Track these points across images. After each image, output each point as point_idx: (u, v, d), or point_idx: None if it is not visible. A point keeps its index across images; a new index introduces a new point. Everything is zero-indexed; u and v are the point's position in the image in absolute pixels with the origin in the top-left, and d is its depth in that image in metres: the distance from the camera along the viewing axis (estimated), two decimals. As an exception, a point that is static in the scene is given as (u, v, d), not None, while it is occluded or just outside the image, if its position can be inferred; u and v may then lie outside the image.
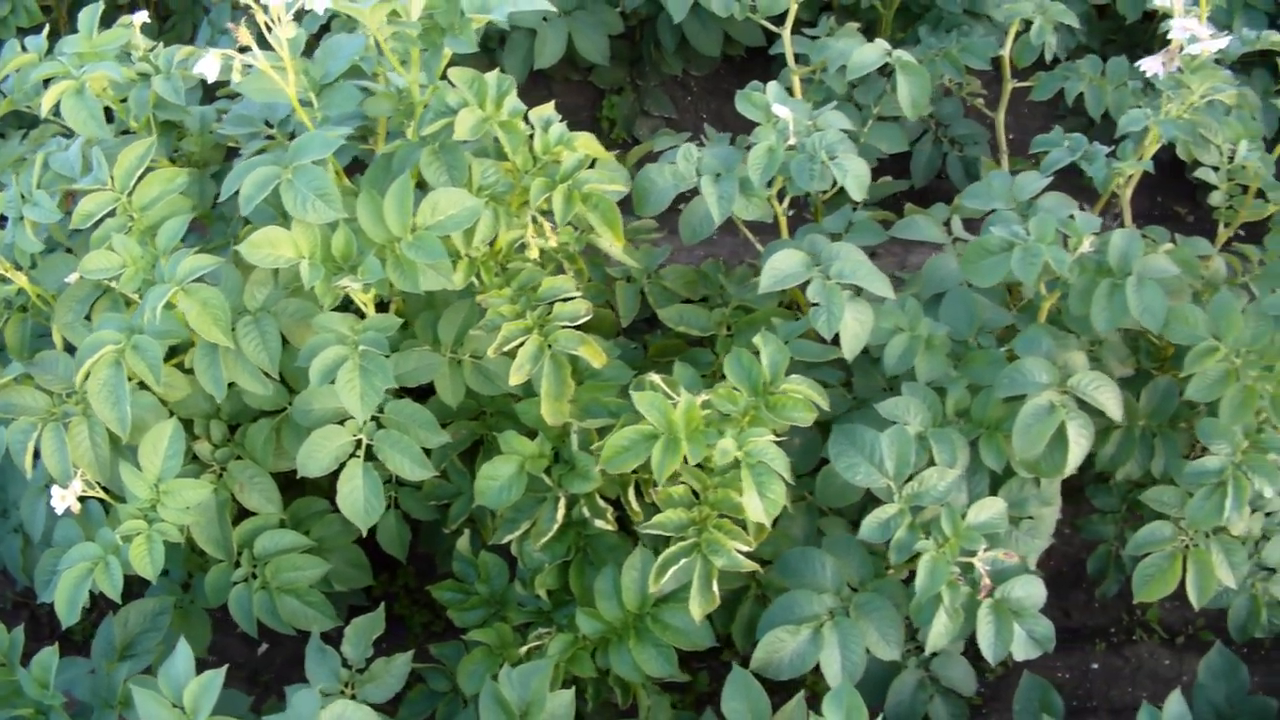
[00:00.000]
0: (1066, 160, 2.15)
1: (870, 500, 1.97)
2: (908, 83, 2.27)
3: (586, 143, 1.97)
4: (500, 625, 2.09)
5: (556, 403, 1.96)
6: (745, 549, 1.91)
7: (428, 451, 2.06)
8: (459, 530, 2.20)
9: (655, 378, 1.92)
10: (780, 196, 2.17)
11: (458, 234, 1.91)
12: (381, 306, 2.20)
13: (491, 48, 2.79)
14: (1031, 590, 1.95)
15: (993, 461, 1.98)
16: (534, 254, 1.96)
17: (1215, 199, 2.16)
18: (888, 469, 1.91)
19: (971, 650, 2.05)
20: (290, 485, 2.23)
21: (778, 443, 1.87)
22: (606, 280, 2.31)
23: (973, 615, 1.92)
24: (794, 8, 2.39)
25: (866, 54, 2.25)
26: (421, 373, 2.07)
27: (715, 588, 1.90)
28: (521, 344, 1.93)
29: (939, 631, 1.89)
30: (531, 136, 1.98)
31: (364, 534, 2.06)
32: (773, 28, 2.41)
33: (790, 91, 2.43)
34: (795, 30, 2.45)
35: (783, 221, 2.19)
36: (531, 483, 2.03)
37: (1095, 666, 2.65)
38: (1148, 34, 3.08)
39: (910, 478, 1.91)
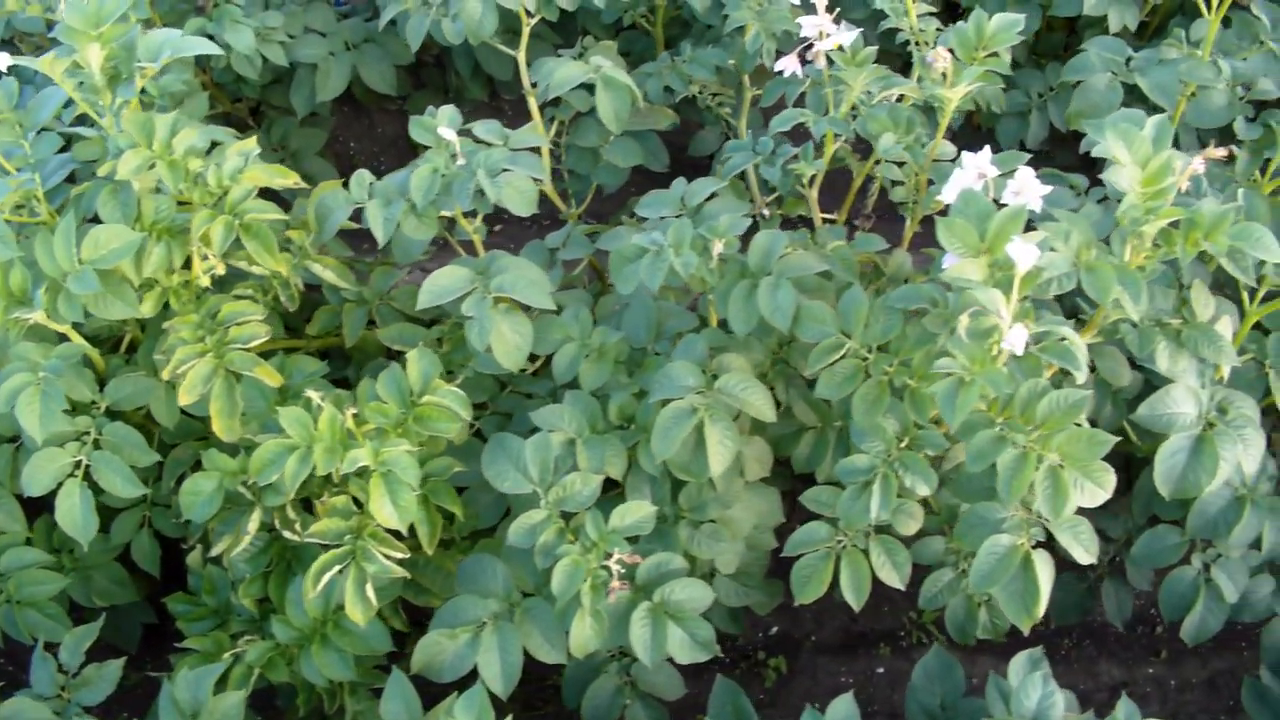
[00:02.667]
0: (747, 164, 2.16)
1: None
2: (608, 98, 2.31)
3: (254, 175, 2.07)
4: (217, 633, 2.20)
5: (229, 420, 2.08)
6: (399, 556, 1.98)
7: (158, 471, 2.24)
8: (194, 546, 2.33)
9: (311, 393, 2.02)
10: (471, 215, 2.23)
11: (130, 266, 2.04)
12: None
13: (299, 83, 2.93)
14: (693, 594, 1.96)
15: (648, 466, 2.00)
16: (205, 281, 2.08)
17: (897, 194, 2.14)
18: (532, 475, 1.96)
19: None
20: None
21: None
22: (342, 303, 2.41)
23: (626, 618, 1.95)
24: (526, 31, 2.46)
25: (569, 71, 2.31)
26: (137, 397, 2.21)
27: (371, 594, 1.97)
28: (193, 366, 2.05)
29: (585, 635, 1.92)
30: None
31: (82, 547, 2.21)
32: (510, 52, 2.49)
33: (530, 112, 2.50)
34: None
35: (477, 240, 2.26)
36: (235, 497, 2.14)
37: (880, 671, 2.62)
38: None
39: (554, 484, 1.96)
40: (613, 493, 2.15)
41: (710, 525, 2.09)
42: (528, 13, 2.44)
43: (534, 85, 2.46)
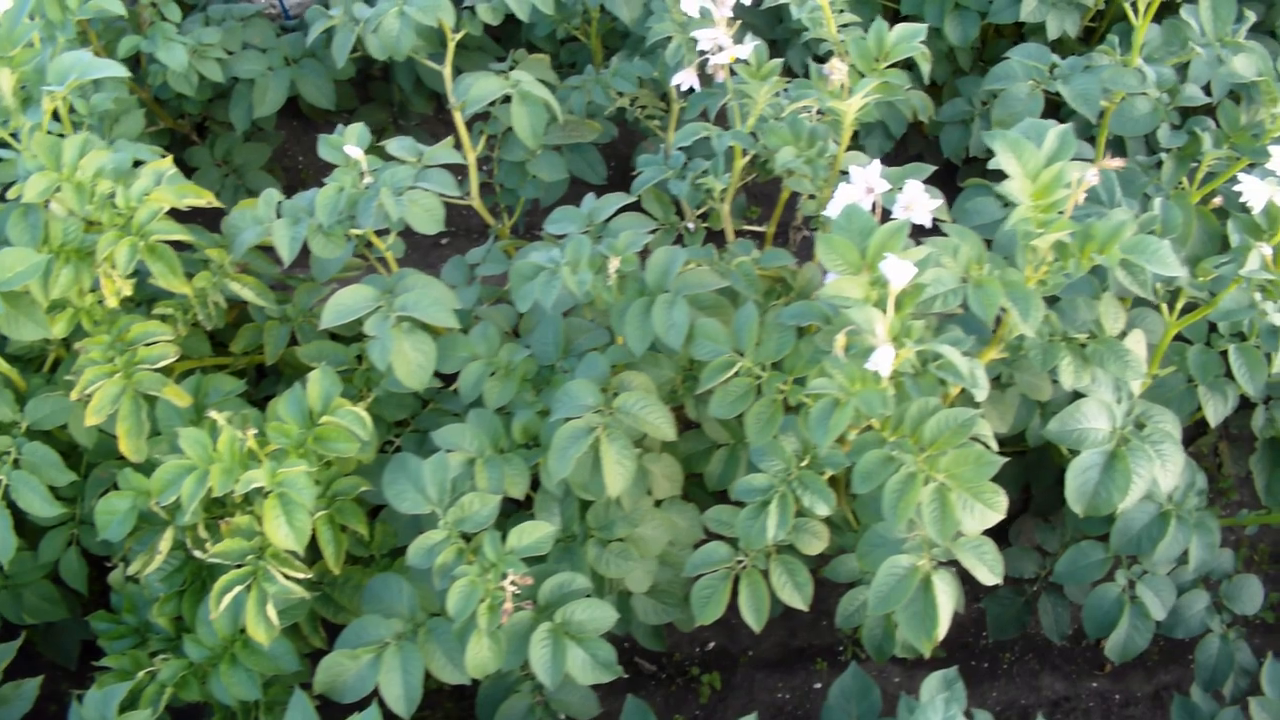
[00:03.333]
0: (657, 178, 2.14)
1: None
2: (525, 113, 2.30)
3: (161, 195, 2.07)
4: (135, 652, 2.21)
5: (137, 441, 2.08)
6: (300, 576, 1.98)
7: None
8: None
9: (214, 413, 2.02)
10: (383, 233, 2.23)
11: (38, 287, 2.05)
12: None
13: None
14: (595, 614, 1.94)
15: (549, 485, 1.99)
16: (113, 303, 2.09)
17: (808, 208, 2.10)
18: (430, 495, 1.95)
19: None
20: None
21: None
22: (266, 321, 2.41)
23: (527, 639, 1.93)
24: (451, 46, 2.45)
25: (486, 86, 2.30)
26: (56, 416, 2.22)
27: (272, 614, 1.97)
28: (101, 387, 2.06)
29: (482, 656, 1.91)
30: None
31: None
32: (435, 67, 2.48)
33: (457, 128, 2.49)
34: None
35: (390, 258, 2.25)
36: (151, 516, 2.15)
37: (817, 686, 2.59)
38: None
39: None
40: (527, 510, 2.15)
41: (619, 544, 2.07)
42: (453, 29, 2.42)
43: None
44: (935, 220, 1.76)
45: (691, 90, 2.01)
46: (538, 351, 2.11)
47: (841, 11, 2.29)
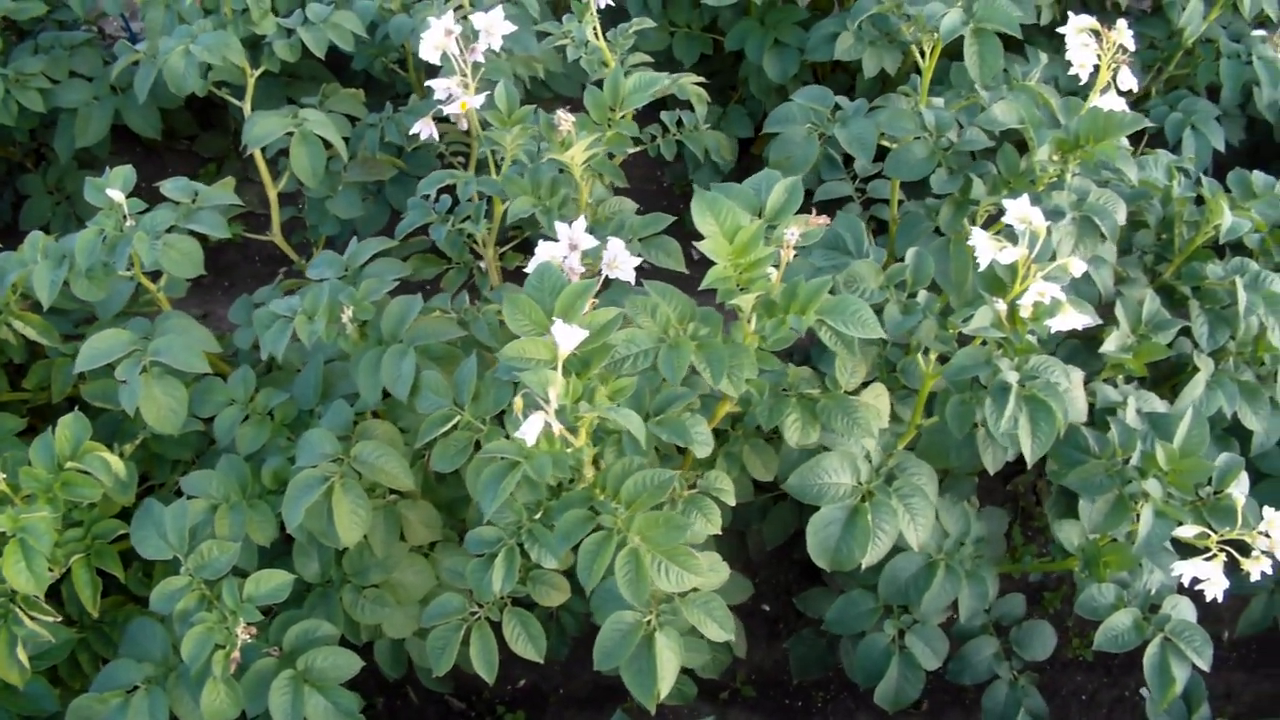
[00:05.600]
0: (422, 221, 2.14)
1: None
2: (304, 152, 2.30)
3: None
4: (-85, 688, 2.24)
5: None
6: (49, 620, 2.00)
7: None
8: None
9: (-31, 459, 2.04)
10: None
11: None
12: None
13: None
14: (337, 662, 1.95)
15: (292, 532, 2.00)
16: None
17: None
18: (172, 541, 1.96)
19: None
20: None
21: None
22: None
23: (268, 685, 1.94)
24: (251, 82, 2.45)
25: (268, 125, 2.30)
26: None
27: (23, 656, 1.98)
28: None
29: (219, 703, 1.92)
30: None
31: None
32: (235, 102, 2.48)
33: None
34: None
35: (161, 300, 2.26)
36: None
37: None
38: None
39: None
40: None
41: (374, 590, 2.08)
42: (251, 66, 2.43)
43: (260, 137, 2.45)
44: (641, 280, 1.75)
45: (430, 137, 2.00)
46: (299, 396, 2.12)
47: (632, 52, 2.28)
